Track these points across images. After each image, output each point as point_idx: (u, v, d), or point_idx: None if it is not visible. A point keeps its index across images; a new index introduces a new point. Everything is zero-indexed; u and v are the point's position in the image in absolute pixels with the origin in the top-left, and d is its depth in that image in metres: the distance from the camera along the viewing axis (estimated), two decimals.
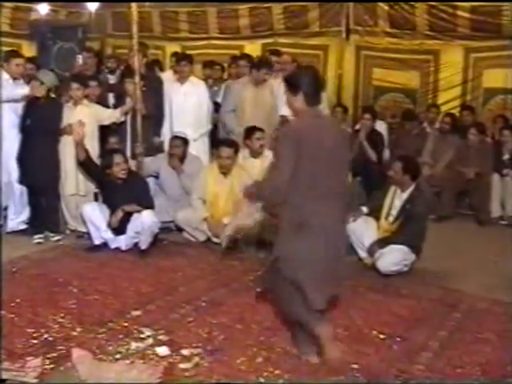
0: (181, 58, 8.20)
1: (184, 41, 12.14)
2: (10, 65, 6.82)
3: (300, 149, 3.85)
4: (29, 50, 9.99)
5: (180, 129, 7.56)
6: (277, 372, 4.08)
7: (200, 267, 6.21)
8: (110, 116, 7.17)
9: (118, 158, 6.56)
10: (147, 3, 11.16)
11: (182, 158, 7.28)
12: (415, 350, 4.48)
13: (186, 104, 7.83)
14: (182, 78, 7.95)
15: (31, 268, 6.08)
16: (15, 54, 7.31)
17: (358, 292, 5.55)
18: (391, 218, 6.27)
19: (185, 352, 4.31)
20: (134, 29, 6.96)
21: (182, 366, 4.13)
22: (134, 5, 7.02)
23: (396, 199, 6.29)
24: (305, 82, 4.06)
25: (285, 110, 6.18)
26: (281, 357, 4.29)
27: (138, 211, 6.44)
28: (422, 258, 6.15)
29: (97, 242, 6.59)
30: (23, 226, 7.13)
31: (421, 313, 5.17)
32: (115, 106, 7.48)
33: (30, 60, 8.24)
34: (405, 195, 6.22)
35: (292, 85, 4.09)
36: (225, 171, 6.87)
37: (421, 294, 5.58)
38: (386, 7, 9.97)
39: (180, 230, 7.17)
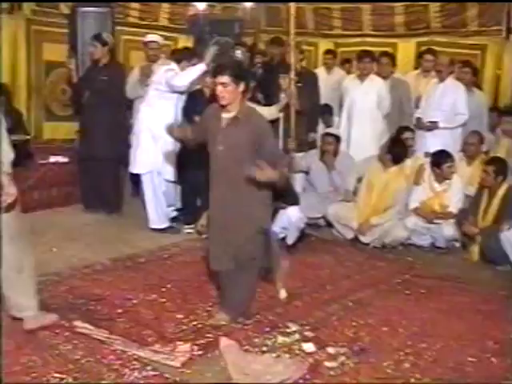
0: (363, 55, 8.09)
1: (337, 38, 12.08)
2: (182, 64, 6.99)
3: None
4: (186, 43, 10.26)
5: (358, 127, 7.60)
6: (425, 380, 3.97)
7: (347, 266, 6.20)
8: (268, 114, 7.24)
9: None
10: None
11: (334, 155, 7.29)
12: None
13: (366, 101, 7.83)
14: (362, 76, 7.93)
15: (182, 255, 6.29)
16: None
17: None
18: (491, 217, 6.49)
19: (330, 350, 4.28)
20: (291, 25, 7.00)
21: (327, 364, 4.10)
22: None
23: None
24: None
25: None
26: (429, 364, 4.17)
27: (284, 208, 6.49)
28: None
29: None
30: (174, 214, 7.37)
31: None
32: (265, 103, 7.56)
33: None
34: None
35: None
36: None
37: None
38: None
39: (330, 225, 7.19)
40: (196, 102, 6.75)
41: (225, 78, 4.32)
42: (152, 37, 7.85)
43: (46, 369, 3.85)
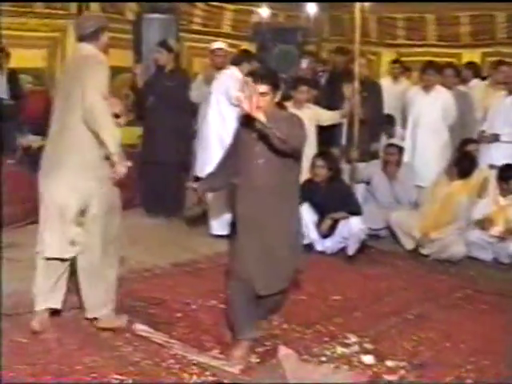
0: (427, 67, 7.95)
1: (400, 47, 11.97)
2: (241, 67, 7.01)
3: None
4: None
5: (423, 138, 7.58)
6: None
7: (406, 278, 6.12)
8: (330, 117, 7.27)
9: (318, 161, 6.66)
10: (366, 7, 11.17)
11: (397, 166, 7.24)
12: None
13: (431, 113, 7.73)
14: (427, 87, 7.81)
15: None
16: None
17: None
18: None
19: (390, 363, 4.21)
20: (357, 34, 7.01)
21: (386, 377, 4.04)
22: (357, 10, 7.07)
23: None
24: None
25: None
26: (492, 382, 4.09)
27: (346, 218, 6.46)
28: None
29: (304, 241, 6.67)
30: None
31: None
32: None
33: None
34: None
35: None
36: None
37: None
38: None
39: (392, 235, 7.15)
40: None
41: (264, 88, 3.98)
42: (218, 44, 7.90)
43: (106, 369, 3.89)
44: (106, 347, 4.22)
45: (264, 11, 11.54)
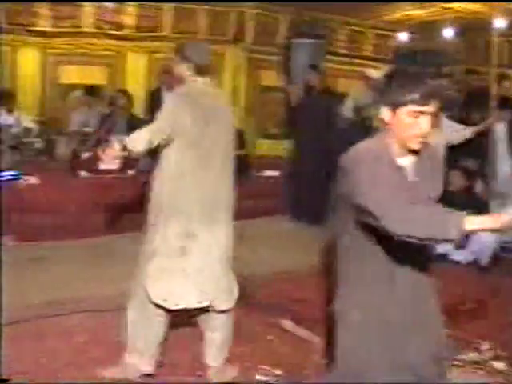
0: None
1: None
2: None
3: None
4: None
5: None
6: None
7: None
8: (462, 133, 7.10)
9: (454, 176, 6.56)
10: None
11: None
12: None
13: None
14: None
15: None
16: None
17: None
18: None
19: None
20: (494, 57, 6.83)
21: None
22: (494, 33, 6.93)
23: None
24: None
25: None
26: None
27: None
28: None
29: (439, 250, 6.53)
30: None
31: None
32: None
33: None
34: None
35: None
36: None
37: None
38: None
39: None
40: None
41: (435, 106, 2.50)
42: (372, 73, 7.97)
43: (254, 359, 4.00)
44: (255, 339, 4.32)
45: (403, 35, 11.44)
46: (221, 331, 3.78)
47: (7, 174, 6.53)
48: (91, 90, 8.60)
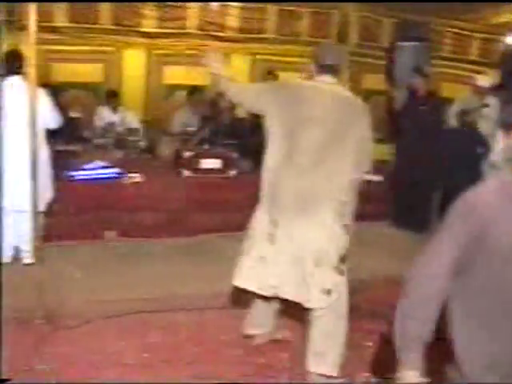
0: None
1: None
2: None
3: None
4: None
5: None
6: None
7: None
8: None
9: None
10: None
11: None
12: None
13: None
14: None
15: None
16: None
17: None
18: None
19: None
20: None
21: None
22: None
23: None
24: None
25: None
26: None
27: None
28: None
29: None
30: None
31: None
32: None
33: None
34: None
35: None
36: None
37: None
38: None
39: None
40: None
41: None
42: (482, 82, 7.79)
43: (352, 366, 3.99)
44: (356, 346, 4.24)
45: (510, 39, 11.04)
46: (315, 330, 3.82)
47: (112, 172, 6.66)
48: (194, 91, 8.69)
